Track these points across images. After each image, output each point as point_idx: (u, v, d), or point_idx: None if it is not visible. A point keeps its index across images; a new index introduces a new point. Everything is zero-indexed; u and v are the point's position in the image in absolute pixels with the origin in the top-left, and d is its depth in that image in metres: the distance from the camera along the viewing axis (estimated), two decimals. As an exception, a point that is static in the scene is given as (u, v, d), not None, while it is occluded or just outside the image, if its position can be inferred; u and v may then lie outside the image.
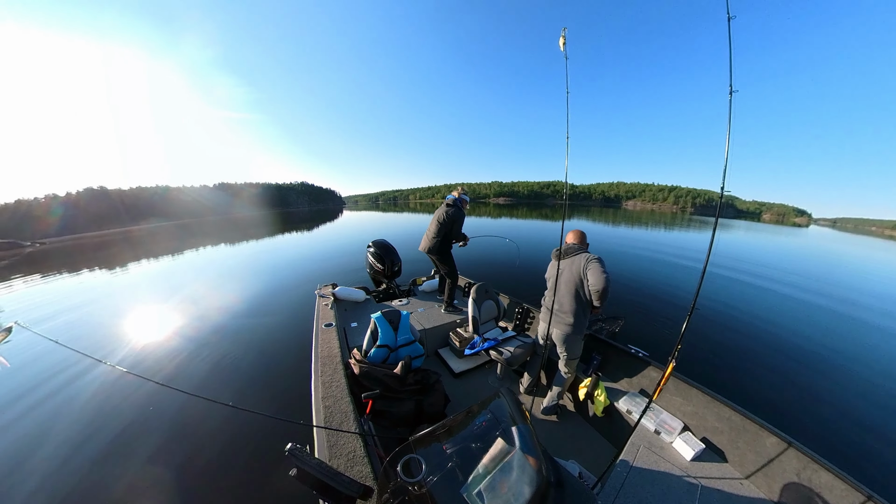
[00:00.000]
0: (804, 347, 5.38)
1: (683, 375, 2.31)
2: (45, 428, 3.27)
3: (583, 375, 2.78)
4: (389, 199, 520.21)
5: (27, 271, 13.43)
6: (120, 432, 3.15)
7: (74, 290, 9.23)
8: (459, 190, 4.13)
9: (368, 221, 36.16)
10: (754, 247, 19.99)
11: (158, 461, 2.80)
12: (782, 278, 10.70)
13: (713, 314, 6.58)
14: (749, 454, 1.87)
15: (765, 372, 4.50)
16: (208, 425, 3.15)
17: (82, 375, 4.20)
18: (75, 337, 5.65)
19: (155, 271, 12.27)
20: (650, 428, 2.16)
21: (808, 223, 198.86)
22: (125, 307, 7.24)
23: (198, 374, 4.18)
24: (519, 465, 1.05)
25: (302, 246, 16.79)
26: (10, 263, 17.57)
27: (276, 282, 8.93)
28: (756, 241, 24.67)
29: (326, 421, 1.76)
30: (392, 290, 4.68)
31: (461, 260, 4.25)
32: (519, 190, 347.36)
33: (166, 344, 5.11)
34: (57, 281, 10.95)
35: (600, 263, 2.34)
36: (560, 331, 2.52)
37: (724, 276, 10.26)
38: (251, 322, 5.92)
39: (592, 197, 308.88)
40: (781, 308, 7.51)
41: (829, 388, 4.22)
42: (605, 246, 15.71)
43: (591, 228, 24.76)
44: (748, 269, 11.82)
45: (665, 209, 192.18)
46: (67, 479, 2.63)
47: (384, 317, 2.57)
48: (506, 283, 7.96)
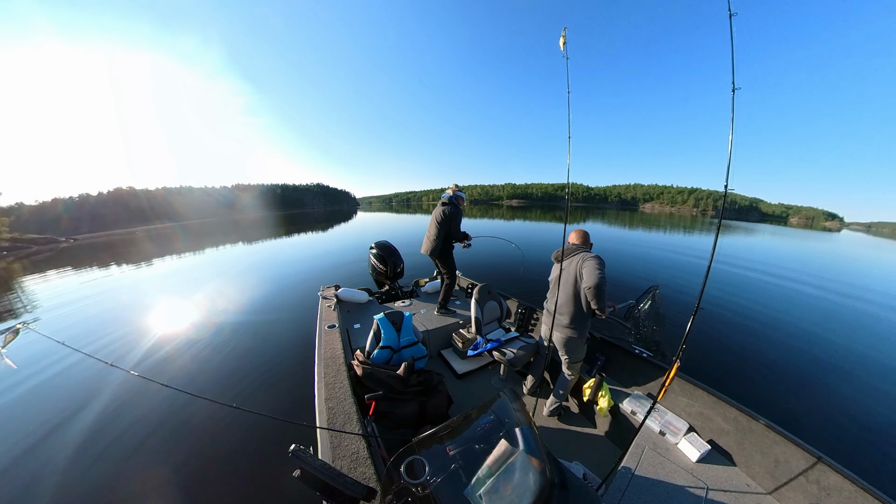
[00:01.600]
0: (811, 348, 5.32)
1: (688, 376, 2.29)
2: (48, 428, 3.29)
3: (587, 376, 2.76)
4: (402, 201, 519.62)
5: (62, 265, 14.89)
6: (124, 433, 3.17)
7: (86, 287, 9.31)
8: (454, 187, 3.98)
9: (380, 222, 36.89)
10: (770, 249, 19.46)
11: (162, 462, 2.82)
12: (792, 278, 10.60)
13: (718, 314, 6.53)
14: (756, 455, 1.85)
15: (771, 372, 4.46)
16: (212, 426, 3.16)
17: (87, 376, 4.24)
18: (79, 336, 5.68)
19: (164, 271, 12.52)
20: (655, 429, 2.14)
21: (839, 227, 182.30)
22: (131, 306, 7.29)
23: (201, 375, 4.20)
24: (523, 467, 1.05)
25: (305, 247, 16.86)
26: (47, 257, 19.64)
27: (279, 283, 8.97)
28: (777, 244, 23.70)
29: (329, 422, 1.76)
30: (395, 291, 4.68)
31: (465, 261, 4.23)
32: (532, 192, 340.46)
33: (170, 344, 5.15)
34: (79, 276, 11.71)
35: (596, 261, 2.28)
36: (561, 334, 2.49)
37: (731, 276, 10.18)
38: (254, 323, 5.95)
39: (608, 199, 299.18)
40: (789, 308, 7.44)
41: (837, 389, 4.17)
42: (610, 245, 15.66)
43: (604, 231, 24.53)
44: (757, 268, 11.73)
45: (684, 212, 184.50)
46: (70, 479, 2.65)
47: (387, 318, 2.57)
48: (509, 284, 7.95)
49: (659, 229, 29.96)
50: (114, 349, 5.19)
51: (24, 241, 31.59)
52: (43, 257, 19.83)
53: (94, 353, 4.42)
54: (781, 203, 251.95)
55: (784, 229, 52.23)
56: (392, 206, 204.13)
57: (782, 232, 44.28)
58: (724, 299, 7.57)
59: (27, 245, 29.86)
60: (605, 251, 13.80)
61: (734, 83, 1.43)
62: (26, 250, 26.87)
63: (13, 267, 16.16)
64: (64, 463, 2.83)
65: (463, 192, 4.06)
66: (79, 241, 36.09)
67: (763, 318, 6.53)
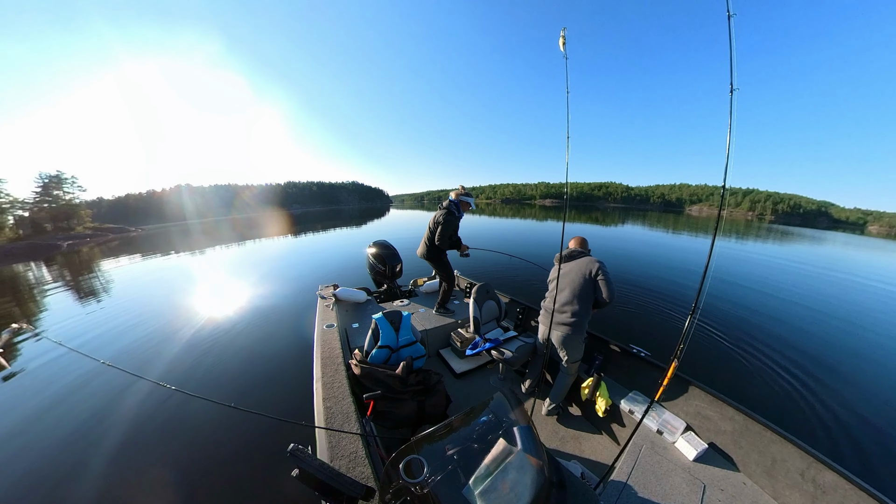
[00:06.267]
0: (809, 347, 5.35)
1: (686, 375, 2.30)
2: (49, 427, 3.28)
3: (585, 375, 2.77)
4: (434, 199, 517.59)
5: (130, 251, 18.25)
6: (121, 433, 3.16)
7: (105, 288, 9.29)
8: (459, 190, 3.71)
9: (408, 218, 38.52)
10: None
11: (160, 462, 2.81)
12: (794, 280, 10.60)
13: (717, 313, 6.55)
14: (753, 454, 1.86)
15: (768, 371, 4.48)
16: (209, 426, 3.16)
17: (87, 376, 4.21)
18: (80, 336, 5.66)
19: (173, 265, 12.70)
20: (653, 428, 2.15)
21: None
22: (131, 308, 7.24)
23: (198, 375, 4.18)
24: (521, 466, 1.05)
25: (303, 246, 16.82)
26: (118, 244, 24.01)
27: (277, 282, 8.93)
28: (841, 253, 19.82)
29: (328, 422, 1.76)
30: (393, 290, 4.67)
31: (465, 261, 4.19)
32: (568, 191, 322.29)
33: (166, 343, 5.12)
34: (136, 264, 13.75)
35: (608, 273, 2.47)
36: (560, 332, 2.52)
37: (732, 276, 10.21)
38: (252, 322, 5.92)
39: (650, 200, 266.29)
40: (789, 307, 7.48)
41: (834, 388, 4.19)
42: (614, 245, 15.69)
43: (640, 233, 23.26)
44: (759, 272, 11.73)
45: (738, 216, 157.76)
46: (68, 479, 2.64)
47: (385, 317, 2.57)
48: (511, 284, 7.96)
49: (697, 232, 26.56)
50: (113, 349, 5.16)
51: (102, 230, 37.72)
52: (115, 244, 24.27)
53: (91, 352, 4.42)
54: (858, 208, 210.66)
55: (860, 239, 40.50)
56: (423, 204, 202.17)
57: (856, 242, 33.38)
58: (723, 298, 7.59)
59: (105, 233, 36.00)
60: (604, 250, 13.82)
61: (732, 84, 1.44)
62: (104, 238, 32.68)
63: (94, 251, 20.81)
64: (61, 463, 2.82)
65: (471, 195, 3.73)
66: (146, 230, 42.50)
67: (761, 318, 6.56)
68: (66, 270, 13.66)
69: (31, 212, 36.76)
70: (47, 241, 28.56)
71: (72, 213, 38.71)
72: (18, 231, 33.01)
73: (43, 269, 14.43)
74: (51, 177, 39.48)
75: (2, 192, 30.29)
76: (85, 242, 28.64)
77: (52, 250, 23.30)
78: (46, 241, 27.92)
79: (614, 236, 20.67)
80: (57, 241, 28.20)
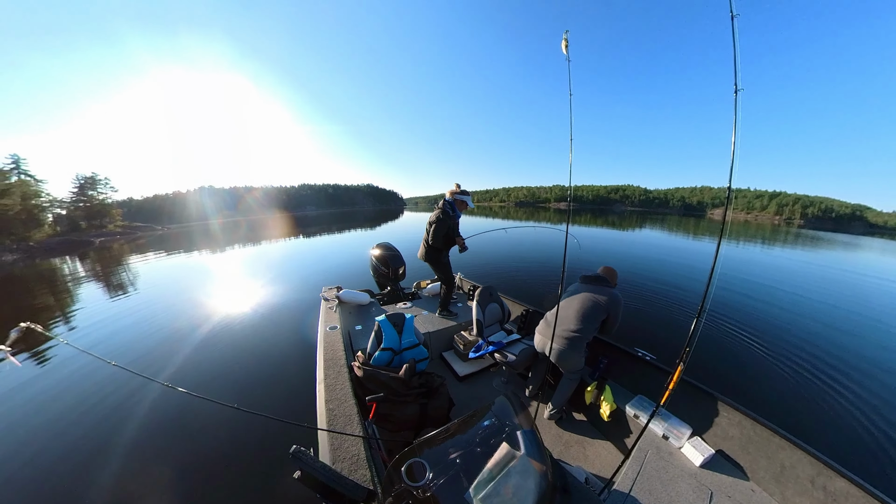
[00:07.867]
0: (818, 351, 5.26)
1: (693, 380, 2.27)
2: (49, 426, 3.30)
3: (589, 379, 2.74)
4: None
5: (157, 249, 19.49)
6: (123, 432, 3.18)
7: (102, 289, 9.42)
8: (454, 188, 3.63)
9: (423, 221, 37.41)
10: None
11: (162, 461, 2.82)
12: (803, 283, 10.43)
13: (724, 317, 6.46)
14: (761, 460, 1.82)
15: (777, 376, 4.40)
16: (212, 426, 3.16)
17: (87, 374, 4.24)
18: (80, 336, 5.73)
19: (187, 265, 13.02)
20: (658, 433, 2.12)
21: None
22: (141, 306, 7.31)
23: (201, 375, 4.21)
24: (524, 470, 1.04)
25: (307, 248, 16.92)
26: (145, 242, 25.64)
27: (281, 283, 8.98)
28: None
29: (330, 424, 1.75)
30: (396, 293, 4.68)
31: (465, 260, 4.17)
32: (583, 194, 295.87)
33: (171, 343, 5.15)
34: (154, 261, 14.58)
35: (620, 314, 2.57)
36: (558, 345, 2.49)
37: (740, 278, 10.09)
38: (255, 324, 5.95)
39: (670, 204, 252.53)
40: (802, 309, 7.36)
41: (846, 392, 4.11)
42: (625, 250, 15.60)
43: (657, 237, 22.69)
44: (768, 274, 11.57)
45: (764, 220, 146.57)
46: (68, 479, 2.65)
47: (388, 320, 2.57)
48: (514, 287, 7.93)
49: (715, 236, 23.23)
50: (120, 347, 5.21)
51: (132, 229, 41.27)
52: (143, 241, 26.11)
53: (96, 349, 4.47)
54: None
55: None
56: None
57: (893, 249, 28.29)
58: (730, 302, 7.50)
59: (134, 231, 39.42)
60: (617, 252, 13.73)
61: (736, 84, 1.43)
62: (133, 235, 35.41)
63: (123, 248, 22.41)
64: (61, 463, 2.84)
65: (467, 193, 3.68)
66: (172, 229, 44.91)
67: (769, 321, 6.46)
68: (98, 265, 14.96)
69: (69, 210, 38.98)
70: (81, 237, 30.58)
71: (104, 211, 41.08)
72: (56, 227, 34.56)
73: (77, 264, 15.87)
74: (86, 178, 41.42)
75: (43, 192, 31.45)
76: (115, 240, 30.57)
77: (85, 246, 25.04)
78: (80, 238, 29.90)
79: (627, 240, 20.13)
80: (90, 238, 30.38)
